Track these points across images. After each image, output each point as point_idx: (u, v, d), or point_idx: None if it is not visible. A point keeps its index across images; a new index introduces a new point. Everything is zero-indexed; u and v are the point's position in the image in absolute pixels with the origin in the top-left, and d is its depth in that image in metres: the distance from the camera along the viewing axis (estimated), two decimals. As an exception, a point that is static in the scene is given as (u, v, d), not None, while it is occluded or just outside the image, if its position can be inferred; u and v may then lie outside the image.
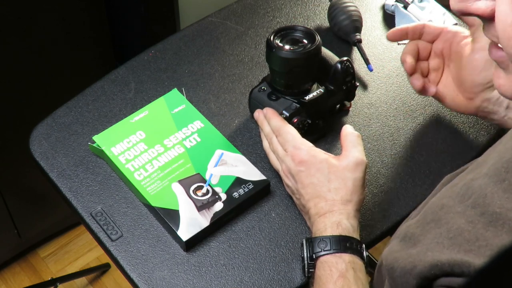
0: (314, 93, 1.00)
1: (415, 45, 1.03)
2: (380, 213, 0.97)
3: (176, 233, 0.91)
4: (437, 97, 1.04)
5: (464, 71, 0.99)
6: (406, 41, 1.21)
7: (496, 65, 0.65)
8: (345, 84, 1.03)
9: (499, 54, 0.62)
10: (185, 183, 0.96)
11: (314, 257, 0.85)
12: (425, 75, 1.04)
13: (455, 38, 1.00)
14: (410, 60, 1.01)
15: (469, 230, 0.61)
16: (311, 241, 0.86)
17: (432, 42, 1.03)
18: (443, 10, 1.25)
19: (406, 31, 1.02)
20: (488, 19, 0.60)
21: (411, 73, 1.02)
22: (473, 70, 0.97)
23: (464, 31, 1.00)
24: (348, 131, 0.92)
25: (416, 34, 1.02)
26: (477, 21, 0.95)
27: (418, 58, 1.03)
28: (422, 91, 1.02)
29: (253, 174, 0.97)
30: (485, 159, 0.67)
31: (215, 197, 0.95)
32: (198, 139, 1.02)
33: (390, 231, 0.97)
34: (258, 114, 1.00)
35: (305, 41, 0.98)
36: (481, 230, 0.60)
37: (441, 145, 1.05)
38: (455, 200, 0.65)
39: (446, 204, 0.66)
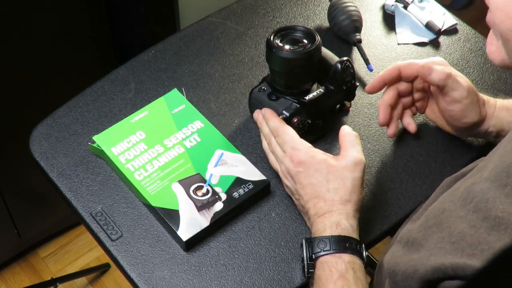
0: (314, 93, 1.00)
1: (394, 91, 1.00)
2: (380, 213, 0.97)
3: (176, 233, 0.91)
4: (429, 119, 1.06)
5: (444, 116, 1.00)
6: (408, 41, 1.21)
7: (491, 31, 0.69)
8: (345, 84, 1.03)
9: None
10: (185, 183, 0.96)
11: (313, 257, 0.85)
12: (409, 107, 1.03)
13: None
14: (382, 115, 0.99)
15: (471, 234, 0.62)
16: (311, 242, 0.86)
17: (411, 81, 1.00)
18: (443, 10, 1.25)
19: (383, 80, 0.99)
20: None
21: (383, 125, 1.01)
22: (452, 118, 0.99)
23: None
24: (346, 131, 0.93)
25: (394, 78, 0.99)
26: (442, 80, 0.94)
27: (399, 96, 1.01)
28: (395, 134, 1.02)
29: (253, 174, 0.97)
30: (486, 164, 0.67)
31: (215, 197, 0.95)
32: (198, 139, 1.02)
33: (390, 231, 0.97)
34: (257, 115, 1.00)
35: (305, 41, 0.98)
36: (484, 234, 0.61)
37: (441, 145, 1.05)
38: (456, 204, 0.65)
39: (448, 208, 0.66)
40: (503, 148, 0.65)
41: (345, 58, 1.02)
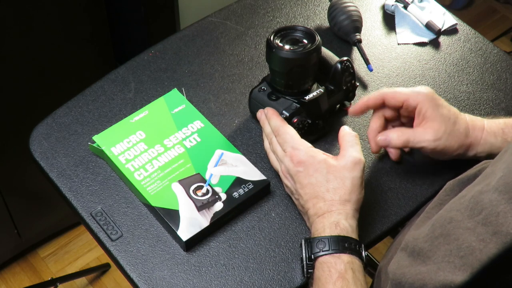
0: (314, 93, 1.00)
1: (381, 120, 0.98)
2: (380, 213, 0.97)
3: (176, 233, 0.91)
4: None
5: None
6: (408, 41, 1.21)
7: None
8: (345, 84, 1.03)
9: None
10: (185, 183, 0.96)
11: (312, 257, 0.85)
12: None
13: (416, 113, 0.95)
14: (374, 145, 0.98)
15: (481, 249, 0.61)
16: (310, 242, 0.86)
17: (397, 108, 0.97)
18: (443, 10, 1.25)
19: (367, 106, 0.97)
20: None
21: (377, 153, 1.00)
22: (432, 156, 0.96)
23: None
24: (345, 131, 0.93)
25: (378, 105, 0.97)
26: (400, 146, 0.93)
27: (387, 121, 0.99)
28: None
29: (253, 174, 0.97)
30: (493, 170, 0.65)
31: (215, 197, 0.95)
32: (198, 139, 1.02)
33: (390, 231, 0.97)
34: (260, 114, 1.00)
35: (305, 41, 0.98)
36: (494, 250, 0.60)
37: (441, 145, 1.05)
38: (464, 214, 0.64)
39: (455, 218, 0.65)
40: (510, 154, 0.65)
41: (345, 58, 1.02)
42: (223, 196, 0.95)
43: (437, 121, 0.92)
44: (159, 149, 1.00)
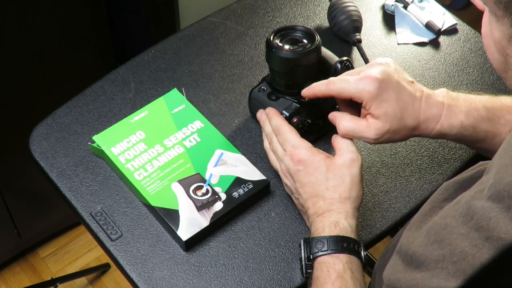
0: (314, 93, 1.00)
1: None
2: (380, 213, 0.97)
3: (176, 233, 0.91)
4: None
5: None
6: (408, 41, 1.21)
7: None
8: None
9: None
10: (185, 183, 0.96)
11: (311, 257, 0.85)
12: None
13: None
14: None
15: (473, 255, 0.60)
16: (309, 242, 0.86)
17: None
18: (443, 10, 1.25)
19: (316, 96, 0.95)
20: None
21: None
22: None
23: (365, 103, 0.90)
24: (338, 135, 0.93)
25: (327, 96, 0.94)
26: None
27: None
28: None
29: (253, 174, 0.97)
30: (488, 178, 0.65)
31: (215, 197, 0.95)
32: (198, 139, 1.02)
33: (389, 231, 0.97)
34: (261, 114, 1.00)
35: (305, 41, 0.98)
36: (486, 255, 0.59)
37: (440, 145, 1.06)
38: (458, 220, 0.64)
39: (449, 224, 0.65)
40: (498, 160, 0.64)
41: (345, 58, 1.02)
42: (223, 196, 0.95)
43: (381, 119, 0.89)
44: (159, 149, 1.00)
